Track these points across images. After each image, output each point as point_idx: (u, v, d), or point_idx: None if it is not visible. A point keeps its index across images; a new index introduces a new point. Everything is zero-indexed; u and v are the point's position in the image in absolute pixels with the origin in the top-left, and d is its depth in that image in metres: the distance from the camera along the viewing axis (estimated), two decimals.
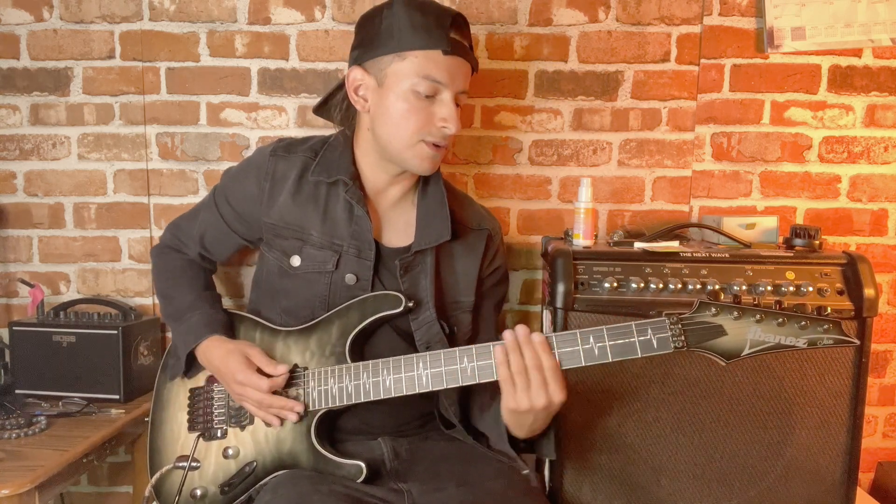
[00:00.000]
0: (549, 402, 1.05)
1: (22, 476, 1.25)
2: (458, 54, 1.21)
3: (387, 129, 1.24)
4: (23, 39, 1.74)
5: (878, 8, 1.68)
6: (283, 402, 1.20)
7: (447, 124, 1.22)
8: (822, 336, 1.01)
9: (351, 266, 1.28)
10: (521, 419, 1.11)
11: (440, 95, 1.22)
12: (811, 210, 1.78)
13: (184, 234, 1.47)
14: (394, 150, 1.25)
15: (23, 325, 1.65)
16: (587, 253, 1.41)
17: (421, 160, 1.25)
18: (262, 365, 1.22)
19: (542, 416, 1.09)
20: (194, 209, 1.49)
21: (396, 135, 1.23)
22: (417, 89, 1.20)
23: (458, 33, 1.22)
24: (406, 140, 1.23)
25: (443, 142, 1.24)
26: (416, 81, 1.20)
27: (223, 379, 1.25)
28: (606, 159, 1.77)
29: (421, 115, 1.21)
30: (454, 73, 1.21)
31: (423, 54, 1.19)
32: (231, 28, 1.73)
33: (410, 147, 1.24)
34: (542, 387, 1.05)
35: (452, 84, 1.21)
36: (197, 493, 1.24)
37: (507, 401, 1.08)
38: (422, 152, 1.24)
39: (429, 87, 1.20)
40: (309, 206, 1.30)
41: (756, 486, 1.38)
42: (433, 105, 1.22)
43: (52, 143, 1.78)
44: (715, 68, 1.73)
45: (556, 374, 1.06)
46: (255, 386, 1.19)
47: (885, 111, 1.74)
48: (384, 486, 1.19)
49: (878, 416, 1.83)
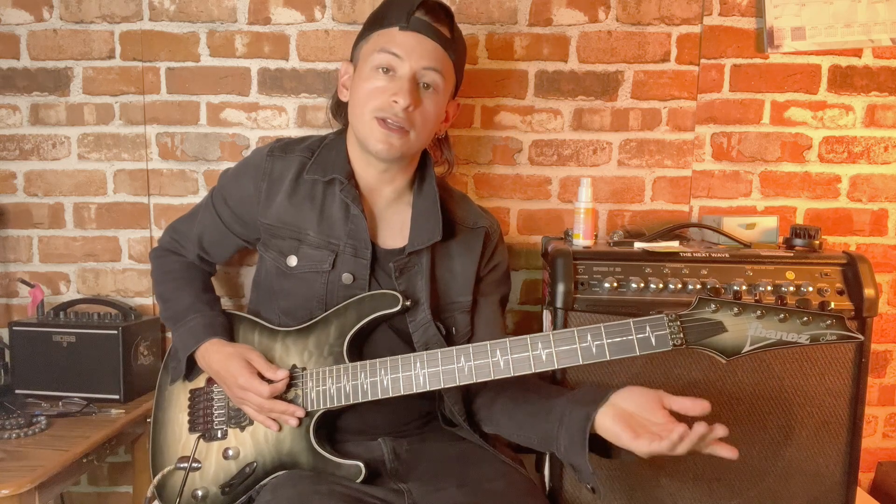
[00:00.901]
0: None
1: (22, 476, 1.25)
2: (417, 30, 1.21)
3: (353, 110, 1.26)
4: (23, 39, 1.74)
5: (878, 8, 1.68)
6: (284, 406, 1.20)
7: (396, 97, 1.19)
8: (825, 332, 0.99)
9: (348, 265, 1.28)
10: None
11: (398, 72, 1.21)
12: (811, 210, 1.78)
13: (182, 236, 1.46)
14: (357, 132, 1.26)
15: (23, 325, 1.65)
16: (587, 253, 1.41)
17: (375, 141, 1.22)
18: (263, 369, 1.21)
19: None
20: (192, 211, 1.48)
21: (357, 114, 1.24)
22: (375, 64, 1.21)
23: (427, 15, 1.22)
24: (364, 119, 1.23)
25: (395, 119, 1.20)
26: (374, 57, 1.22)
27: (224, 383, 1.25)
28: (606, 159, 1.77)
29: (379, 93, 1.21)
30: (411, 47, 1.20)
31: (383, 31, 1.23)
32: (231, 28, 1.73)
33: (366, 125, 1.23)
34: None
35: (409, 57, 1.20)
36: (198, 494, 1.24)
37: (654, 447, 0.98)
38: (375, 131, 1.22)
39: (384, 60, 1.21)
40: (305, 206, 1.30)
41: (756, 486, 1.37)
42: (392, 82, 1.21)
43: (52, 143, 1.78)
44: (715, 68, 1.73)
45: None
46: (257, 391, 1.19)
47: (885, 111, 1.74)
48: (384, 487, 1.18)
49: (878, 416, 1.83)
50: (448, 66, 1.26)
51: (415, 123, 1.23)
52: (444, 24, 1.25)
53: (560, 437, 1.11)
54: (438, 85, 1.24)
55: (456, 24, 1.28)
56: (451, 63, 1.27)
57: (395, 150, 1.23)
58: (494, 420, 1.29)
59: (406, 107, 1.19)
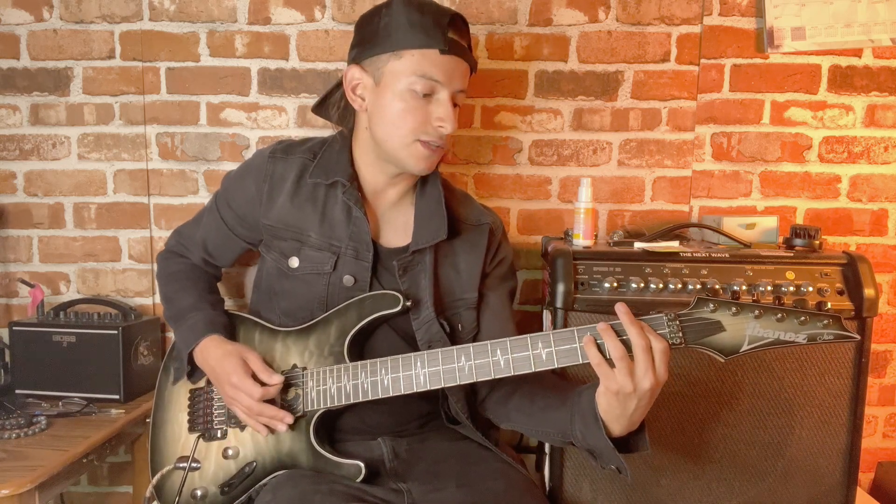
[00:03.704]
0: (655, 383, 1.00)
1: (22, 476, 1.25)
2: (455, 54, 1.20)
3: (383, 128, 1.24)
4: (23, 39, 1.74)
5: (878, 8, 1.68)
6: (274, 411, 1.19)
7: (443, 124, 1.21)
8: (821, 331, 0.99)
9: (349, 267, 1.28)
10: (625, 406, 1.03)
11: (437, 95, 1.21)
12: (811, 210, 1.78)
13: (187, 240, 1.47)
14: (390, 150, 1.25)
15: (23, 325, 1.65)
16: (587, 253, 1.41)
17: (417, 160, 1.24)
18: (259, 371, 1.21)
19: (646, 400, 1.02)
20: (197, 216, 1.49)
21: (393, 134, 1.23)
22: (414, 88, 1.20)
23: (456, 33, 1.21)
24: (402, 139, 1.23)
25: (439, 141, 1.23)
26: (412, 80, 1.19)
27: (217, 380, 1.24)
28: (606, 159, 1.77)
29: (417, 115, 1.21)
30: (451, 72, 1.20)
31: (419, 53, 1.19)
32: (231, 28, 1.73)
33: (406, 147, 1.23)
34: (650, 368, 1.00)
35: (449, 83, 1.21)
36: (197, 494, 1.24)
37: (610, 385, 1.01)
38: (417, 152, 1.23)
39: (425, 86, 1.20)
40: (307, 208, 1.30)
41: (756, 486, 1.38)
42: (430, 104, 1.21)
43: (52, 143, 1.78)
44: (715, 68, 1.73)
45: (664, 357, 1.01)
46: (248, 392, 1.18)
47: (885, 111, 1.74)
48: (384, 486, 1.18)
49: (878, 416, 1.83)
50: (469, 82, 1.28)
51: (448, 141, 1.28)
52: (468, 40, 1.26)
53: (575, 425, 1.12)
54: (462, 101, 1.27)
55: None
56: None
57: (433, 168, 1.29)
58: (511, 417, 1.28)
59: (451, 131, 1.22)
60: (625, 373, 1.00)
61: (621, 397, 1.01)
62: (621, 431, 1.06)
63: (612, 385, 1.01)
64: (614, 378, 1.01)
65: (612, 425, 1.06)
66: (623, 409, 1.03)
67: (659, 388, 1.02)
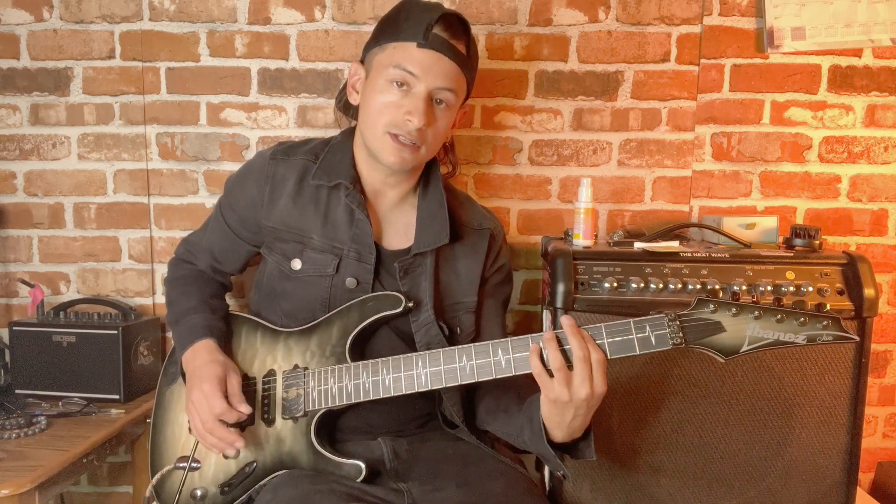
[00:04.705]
0: (591, 394, 1.03)
1: (22, 476, 1.26)
2: (435, 49, 1.19)
3: (364, 119, 1.26)
4: (23, 39, 1.74)
5: (878, 8, 1.68)
6: (225, 433, 1.16)
7: (410, 117, 1.20)
8: (821, 332, 1.00)
9: (351, 269, 1.28)
10: (563, 414, 1.06)
11: (413, 89, 1.21)
12: (811, 210, 1.78)
13: (195, 247, 1.46)
14: (368, 142, 1.26)
15: (23, 325, 1.65)
16: (587, 253, 1.41)
17: (387, 153, 1.23)
18: (232, 394, 1.18)
19: (584, 409, 1.05)
20: (204, 223, 1.48)
21: (370, 125, 1.24)
22: (391, 79, 1.20)
23: (446, 31, 1.21)
24: (375, 131, 1.23)
25: (407, 136, 1.22)
26: (389, 71, 1.20)
27: (190, 382, 1.22)
28: (606, 159, 1.77)
29: (392, 107, 1.21)
30: (429, 67, 1.20)
31: (399, 45, 1.21)
32: (231, 28, 1.73)
33: (378, 138, 1.23)
34: (587, 379, 1.03)
35: (425, 77, 1.20)
36: (197, 494, 1.24)
37: (548, 394, 1.05)
38: (387, 145, 1.23)
39: (399, 76, 1.20)
40: (310, 210, 1.30)
41: (756, 486, 1.38)
42: (405, 98, 1.21)
43: (52, 143, 1.78)
44: (715, 68, 1.73)
45: (601, 367, 1.04)
46: (211, 405, 1.15)
47: (885, 111, 1.75)
48: (384, 486, 1.18)
49: (878, 416, 1.83)
50: (462, 84, 1.26)
51: (426, 139, 1.24)
52: (462, 41, 1.24)
53: (524, 430, 1.16)
54: (451, 101, 1.25)
55: (473, 38, 1.27)
56: (465, 80, 1.27)
57: (406, 164, 1.26)
58: (481, 418, 1.32)
59: (420, 127, 1.20)
60: (562, 383, 1.03)
61: (559, 406, 1.05)
62: (563, 438, 1.10)
63: (551, 394, 1.04)
64: (553, 387, 1.04)
65: (555, 432, 1.09)
66: (561, 418, 1.06)
67: (597, 399, 1.05)
